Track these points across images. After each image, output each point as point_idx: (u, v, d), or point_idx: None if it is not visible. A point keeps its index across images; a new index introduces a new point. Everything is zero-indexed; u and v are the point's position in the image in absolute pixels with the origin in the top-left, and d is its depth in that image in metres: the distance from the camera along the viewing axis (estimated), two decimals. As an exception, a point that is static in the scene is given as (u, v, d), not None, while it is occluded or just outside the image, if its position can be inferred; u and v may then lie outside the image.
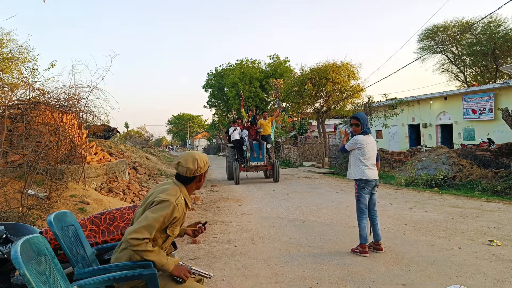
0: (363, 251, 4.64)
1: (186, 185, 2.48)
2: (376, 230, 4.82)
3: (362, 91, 21.02)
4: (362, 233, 4.69)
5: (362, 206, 4.82)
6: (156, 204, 2.26)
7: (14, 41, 14.16)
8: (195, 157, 2.46)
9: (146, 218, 2.22)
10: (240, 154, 14.50)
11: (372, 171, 4.81)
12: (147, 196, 2.45)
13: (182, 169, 2.43)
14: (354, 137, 4.87)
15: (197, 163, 2.44)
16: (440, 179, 10.94)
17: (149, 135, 73.34)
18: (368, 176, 4.76)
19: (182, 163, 2.44)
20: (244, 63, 37.62)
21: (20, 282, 2.88)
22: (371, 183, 4.81)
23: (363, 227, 4.71)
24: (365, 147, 4.76)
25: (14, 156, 7.31)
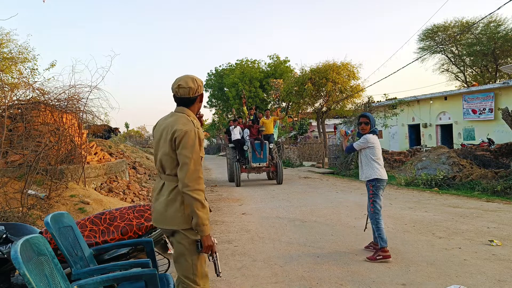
0: (386, 256, 4.39)
1: (189, 107, 2.45)
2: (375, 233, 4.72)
3: (362, 91, 21.02)
4: (383, 236, 4.48)
5: (378, 207, 4.65)
6: (182, 138, 2.25)
7: (14, 41, 14.18)
8: (193, 77, 2.44)
9: (188, 159, 2.24)
10: (241, 154, 13.79)
11: (384, 170, 4.75)
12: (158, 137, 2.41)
13: (184, 90, 2.38)
14: (364, 136, 4.76)
15: (196, 82, 2.42)
16: (440, 179, 10.94)
17: (149, 135, 73.29)
18: (383, 176, 4.67)
19: (183, 85, 2.38)
20: (244, 63, 37.62)
21: (20, 282, 2.88)
22: (385, 183, 4.73)
23: (382, 229, 4.53)
24: (376, 147, 4.70)
25: (14, 156, 7.32)
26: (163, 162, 2.36)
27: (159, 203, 2.37)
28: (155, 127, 2.52)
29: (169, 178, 2.36)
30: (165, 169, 2.37)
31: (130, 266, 2.53)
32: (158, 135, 2.43)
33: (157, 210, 2.38)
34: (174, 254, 2.38)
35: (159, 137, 2.41)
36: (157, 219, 2.39)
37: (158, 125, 2.49)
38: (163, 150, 2.35)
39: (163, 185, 2.39)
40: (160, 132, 2.41)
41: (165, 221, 2.34)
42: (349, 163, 16.49)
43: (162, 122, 2.47)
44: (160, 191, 2.39)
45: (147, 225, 3.28)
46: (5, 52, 13.86)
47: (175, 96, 2.44)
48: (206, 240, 2.28)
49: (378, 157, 4.69)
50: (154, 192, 2.46)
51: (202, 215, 2.23)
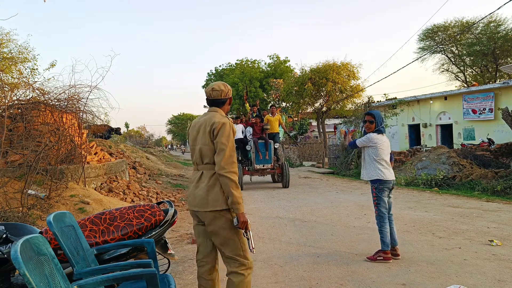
0: (387, 258, 4.37)
1: (220, 107, 2.82)
2: (393, 236, 4.54)
3: (362, 91, 21.03)
4: (385, 239, 4.41)
5: (382, 210, 4.48)
6: (219, 128, 2.60)
7: (14, 41, 14.16)
8: (224, 83, 2.84)
9: (225, 146, 2.57)
10: (243, 155, 12.69)
11: (388, 171, 4.51)
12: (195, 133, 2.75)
13: (217, 93, 2.78)
14: (367, 135, 4.58)
15: (226, 86, 2.82)
16: (440, 179, 10.94)
17: (149, 135, 73.34)
18: (386, 177, 4.45)
19: (216, 88, 2.78)
20: (244, 63, 37.60)
21: (20, 282, 2.88)
22: (389, 184, 4.50)
23: (385, 233, 4.43)
24: (379, 146, 4.49)
25: (14, 156, 7.31)
26: (203, 152, 2.67)
27: (199, 189, 2.65)
28: (190, 128, 2.88)
29: (207, 166, 2.67)
30: (204, 159, 2.68)
31: (132, 266, 2.53)
32: (195, 132, 2.77)
33: (198, 196, 2.65)
34: (220, 239, 2.63)
35: (196, 133, 2.76)
36: (198, 203, 2.65)
37: (193, 124, 2.84)
38: (202, 141, 2.68)
39: (202, 174, 2.69)
40: (197, 128, 2.76)
41: (207, 204, 2.60)
42: (349, 163, 16.50)
43: (197, 121, 2.82)
44: (199, 179, 2.69)
45: (147, 225, 3.28)
46: (5, 52, 13.86)
47: (208, 98, 2.82)
48: (242, 217, 2.55)
49: (381, 157, 4.49)
50: (193, 182, 2.75)
51: (236, 194, 2.53)
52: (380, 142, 4.52)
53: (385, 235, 4.42)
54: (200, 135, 2.71)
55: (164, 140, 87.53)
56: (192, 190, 2.73)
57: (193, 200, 2.70)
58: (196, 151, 2.72)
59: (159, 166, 19.94)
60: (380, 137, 4.55)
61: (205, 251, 2.76)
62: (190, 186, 2.78)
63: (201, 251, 2.77)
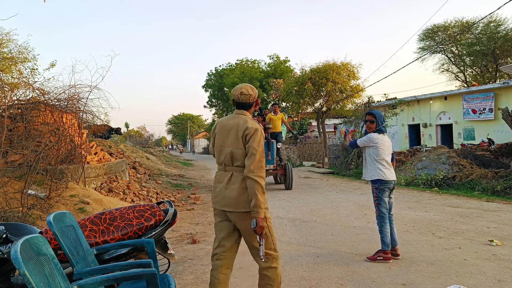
0: (387, 258, 4.38)
1: (247, 110, 2.92)
2: (392, 235, 4.52)
3: (362, 91, 21.02)
4: (385, 239, 4.41)
5: (383, 210, 4.47)
6: (252, 134, 2.72)
7: (14, 41, 14.16)
8: (252, 86, 2.96)
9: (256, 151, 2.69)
10: None
11: (389, 171, 4.49)
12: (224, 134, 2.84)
13: (245, 97, 2.88)
14: (368, 134, 4.55)
15: (254, 90, 2.94)
16: (440, 179, 10.94)
17: (149, 135, 73.32)
18: (387, 177, 4.43)
19: (244, 92, 2.87)
20: (244, 63, 37.62)
21: (20, 282, 2.88)
22: (390, 184, 4.47)
23: (386, 233, 4.43)
24: (380, 147, 4.47)
25: (14, 156, 7.31)
26: (235, 155, 2.78)
27: (230, 191, 2.76)
28: (216, 126, 2.95)
29: (238, 169, 2.78)
30: (235, 162, 2.79)
31: (132, 266, 2.53)
32: (224, 133, 2.85)
33: (229, 197, 2.76)
34: (252, 237, 2.77)
35: (225, 135, 2.84)
36: (229, 204, 2.76)
37: (221, 125, 2.91)
38: (235, 145, 2.77)
39: (231, 176, 2.79)
40: (226, 131, 2.84)
41: (240, 205, 2.73)
42: (349, 163, 16.49)
43: (225, 122, 2.90)
44: (229, 180, 2.79)
45: (147, 225, 3.28)
46: (5, 52, 13.86)
47: (236, 101, 2.91)
48: (260, 221, 2.62)
49: (382, 157, 4.46)
50: (221, 182, 2.84)
51: (260, 198, 2.64)
52: (381, 142, 4.49)
53: (385, 235, 4.41)
54: (231, 139, 2.80)
55: (164, 140, 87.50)
56: (221, 190, 2.82)
57: (222, 200, 2.80)
58: (226, 153, 2.81)
59: (159, 166, 19.95)
60: (381, 137, 4.52)
61: (227, 246, 2.85)
62: (218, 186, 2.86)
63: (222, 245, 2.85)
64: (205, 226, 6.81)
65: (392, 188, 4.54)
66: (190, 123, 77.13)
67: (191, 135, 76.30)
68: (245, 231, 2.79)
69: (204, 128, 71.55)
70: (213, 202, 2.93)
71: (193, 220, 7.40)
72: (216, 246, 2.88)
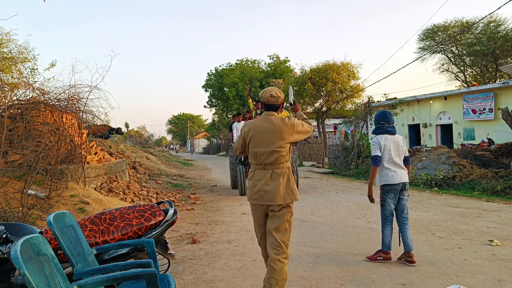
0: (387, 258, 4.34)
1: (276, 111, 3.26)
2: (405, 240, 4.34)
3: (362, 91, 21.04)
4: (385, 240, 4.35)
5: (386, 212, 4.36)
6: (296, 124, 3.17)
7: (14, 41, 14.17)
8: (279, 89, 3.31)
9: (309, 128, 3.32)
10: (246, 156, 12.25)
11: (395, 173, 4.30)
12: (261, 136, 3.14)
13: (275, 99, 3.21)
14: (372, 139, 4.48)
15: (281, 93, 3.27)
16: (440, 179, 10.95)
17: (149, 135, 73.32)
18: (393, 180, 4.27)
19: (274, 95, 3.21)
20: (244, 63, 37.61)
21: (20, 282, 2.88)
22: (397, 186, 4.31)
23: (386, 234, 4.35)
24: (382, 148, 4.32)
25: (14, 156, 7.31)
26: (276, 155, 3.10)
27: (273, 186, 3.08)
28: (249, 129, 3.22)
29: (278, 166, 3.13)
30: (276, 160, 3.11)
31: (132, 266, 2.53)
32: (262, 135, 3.14)
33: (273, 191, 3.07)
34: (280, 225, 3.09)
35: (264, 136, 3.13)
36: (271, 198, 3.08)
37: (255, 127, 3.19)
38: (276, 144, 3.10)
39: (272, 173, 3.11)
40: (264, 132, 3.13)
41: (282, 198, 3.08)
42: (349, 163, 16.50)
43: (260, 124, 3.19)
44: (271, 177, 3.10)
45: (147, 225, 3.28)
46: (5, 52, 13.86)
47: (265, 103, 3.23)
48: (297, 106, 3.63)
49: (386, 159, 4.32)
50: (260, 180, 3.13)
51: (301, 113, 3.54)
52: (383, 143, 4.34)
53: (385, 236, 4.37)
54: (273, 139, 3.11)
55: (164, 140, 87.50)
56: (262, 186, 3.11)
57: (264, 195, 3.09)
58: (267, 153, 3.11)
59: (159, 166, 19.95)
60: (383, 138, 4.38)
61: None
62: (258, 184, 3.13)
63: (265, 237, 3.21)
64: (205, 226, 6.81)
65: (401, 189, 4.35)
66: (190, 123, 77.13)
67: (191, 135, 76.30)
68: (279, 217, 3.10)
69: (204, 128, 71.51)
70: (252, 199, 3.18)
71: (193, 220, 7.40)
72: (260, 238, 3.29)
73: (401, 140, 4.48)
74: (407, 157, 4.47)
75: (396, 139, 4.44)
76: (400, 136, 4.52)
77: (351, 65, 21.14)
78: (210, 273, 4.22)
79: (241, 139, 3.31)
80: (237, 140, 3.45)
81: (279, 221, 3.09)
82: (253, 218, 3.30)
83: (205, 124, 72.52)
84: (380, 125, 4.48)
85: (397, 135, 4.49)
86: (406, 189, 4.41)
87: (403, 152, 4.44)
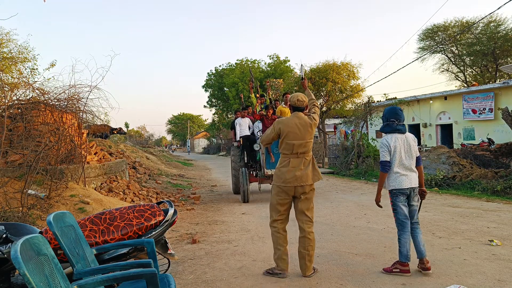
0: (404, 270, 3.91)
1: (302, 112, 4.13)
2: (416, 246, 4.01)
3: (362, 91, 21.03)
4: (402, 249, 3.94)
5: (400, 217, 3.99)
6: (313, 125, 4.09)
7: (14, 41, 14.16)
8: (302, 94, 4.16)
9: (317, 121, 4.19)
10: (250, 156, 9.94)
11: (405, 177, 3.96)
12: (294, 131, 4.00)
13: (300, 103, 4.09)
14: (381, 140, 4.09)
15: (305, 97, 4.16)
16: (440, 179, 10.94)
17: (149, 135, 73.31)
18: (402, 185, 3.95)
19: (300, 99, 4.09)
20: (244, 63, 37.59)
21: (20, 282, 2.88)
22: (406, 191, 3.99)
23: (404, 243, 3.94)
24: (392, 151, 3.97)
25: (14, 156, 7.31)
26: (307, 145, 4.03)
27: (305, 170, 3.98)
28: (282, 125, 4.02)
29: (306, 155, 4.03)
30: (307, 150, 4.03)
31: (132, 266, 2.53)
32: (296, 130, 3.98)
33: (304, 175, 3.96)
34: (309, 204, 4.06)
35: (298, 131, 3.98)
36: (304, 180, 3.95)
37: (289, 124, 4.02)
38: (308, 137, 4.03)
39: (304, 160, 4.00)
40: (297, 127, 3.99)
41: (311, 179, 4.00)
42: (349, 163, 16.49)
43: (292, 121, 4.03)
44: (303, 163, 3.99)
45: (147, 225, 3.28)
46: (5, 52, 13.85)
47: (293, 105, 4.12)
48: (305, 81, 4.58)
49: (394, 162, 3.97)
50: (294, 166, 3.96)
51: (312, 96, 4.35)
52: (392, 145, 3.97)
53: (402, 245, 3.95)
54: (304, 133, 3.99)
55: (164, 140, 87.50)
56: (294, 171, 3.94)
57: (300, 178, 3.93)
58: (300, 145, 3.97)
59: (159, 166, 19.95)
60: (393, 138, 4.00)
61: (286, 214, 4.11)
62: (293, 170, 3.94)
63: (283, 214, 4.09)
64: (205, 226, 6.81)
65: (410, 194, 4.04)
66: (190, 123, 77.11)
67: (191, 135, 76.29)
68: (305, 200, 4.02)
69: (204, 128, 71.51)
70: (287, 182, 3.94)
71: (193, 220, 7.40)
72: (278, 215, 4.07)
73: (412, 139, 4.08)
74: (418, 157, 4.10)
75: (407, 138, 4.04)
76: (411, 135, 4.12)
77: (351, 65, 21.13)
78: (210, 273, 4.22)
79: (275, 133, 4.07)
80: (268, 134, 4.15)
81: (309, 202, 4.03)
82: (275, 200, 4.09)
83: (205, 124, 72.51)
84: (390, 122, 4.04)
85: (408, 134, 4.08)
86: (416, 194, 4.10)
87: (415, 153, 4.06)
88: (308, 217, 4.01)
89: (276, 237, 4.07)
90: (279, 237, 4.05)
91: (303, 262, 3.96)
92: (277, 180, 4.04)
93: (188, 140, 71.81)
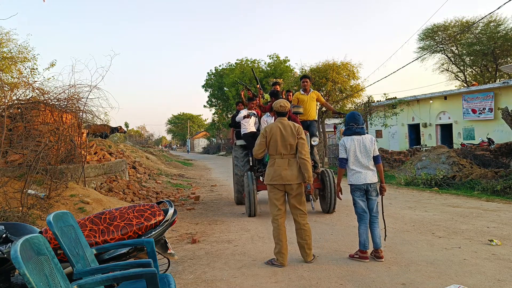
0: (363, 257, 4.41)
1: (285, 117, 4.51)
2: (373, 237, 4.45)
3: (362, 90, 21.00)
4: (360, 239, 4.43)
5: (358, 210, 4.51)
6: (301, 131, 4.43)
7: (14, 41, 14.16)
8: (284, 101, 4.52)
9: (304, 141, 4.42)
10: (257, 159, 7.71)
11: (360, 174, 4.43)
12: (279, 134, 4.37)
13: (283, 108, 4.47)
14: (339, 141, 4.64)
15: (288, 103, 4.53)
16: (440, 179, 10.94)
17: (149, 135, 73.29)
18: (357, 181, 4.45)
19: (283, 105, 4.47)
20: (244, 63, 37.57)
21: (20, 282, 2.88)
22: (362, 187, 4.45)
23: (361, 233, 4.44)
24: (348, 150, 4.47)
25: (14, 155, 7.31)
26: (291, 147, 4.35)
27: (291, 170, 4.33)
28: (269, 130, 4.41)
29: (293, 155, 4.39)
30: (291, 151, 4.37)
31: (132, 266, 2.53)
32: (280, 133, 4.36)
33: (291, 174, 4.32)
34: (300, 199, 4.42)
35: (282, 133, 4.35)
36: (291, 179, 4.32)
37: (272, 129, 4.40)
38: (293, 140, 4.35)
39: (289, 161, 4.36)
40: (281, 131, 4.36)
41: (297, 178, 4.34)
42: (349, 163, 16.48)
43: (276, 125, 4.42)
44: (288, 164, 4.35)
45: (147, 225, 3.28)
46: (5, 51, 13.85)
47: (276, 111, 4.52)
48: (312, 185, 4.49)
49: (351, 160, 4.46)
50: (280, 166, 4.35)
51: (310, 171, 4.35)
52: (349, 145, 4.48)
53: (360, 235, 4.46)
54: (288, 136, 4.34)
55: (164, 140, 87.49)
56: (281, 171, 4.32)
57: (285, 177, 4.31)
58: (285, 146, 4.34)
59: (159, 165, 19.95)
60: (349, 140, 4.50)
61: (283, 209, 4.43)
62: (279, 169, 4.33)
63: (280, 209, 4.42)
64: (205, 226, 6.81)
65: (367, 190, 4.47)
66: (190, 123, 77.10)
67: (190, 135, 76.27)
68: (298, 195, 4.39)
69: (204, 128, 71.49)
70: (274, 180, 4.35)
71: (193, 220, 7.40)
72: (277, 210, 4.41)
73: (368, 140, 4.51)
74: (376, 156, 4.50)
75: (363, 139, 4.50)
76: (369, 136, 4.57)
77: (351, 65, 21.08)
78: (210, 273, 4.22)
79: (262, 137, 4.41)
80: (257, 143, 4.46)
81: (300, 197, 4.40)
82: (271, 196, 4.44)
83: (205, 124, 72.50)
84: (350, 126, 4.57)
85: (366, 135, 4.54)
86: (373, 189, 4.49)
87: (371, 152, 4.48)
88: (301, 210, 4.39)
89: (277, 232, 4.38)
90: (280, 232, 4.37)
91: (303, 250, 4.42)
92: (266, 178, 4.47)
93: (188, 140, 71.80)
